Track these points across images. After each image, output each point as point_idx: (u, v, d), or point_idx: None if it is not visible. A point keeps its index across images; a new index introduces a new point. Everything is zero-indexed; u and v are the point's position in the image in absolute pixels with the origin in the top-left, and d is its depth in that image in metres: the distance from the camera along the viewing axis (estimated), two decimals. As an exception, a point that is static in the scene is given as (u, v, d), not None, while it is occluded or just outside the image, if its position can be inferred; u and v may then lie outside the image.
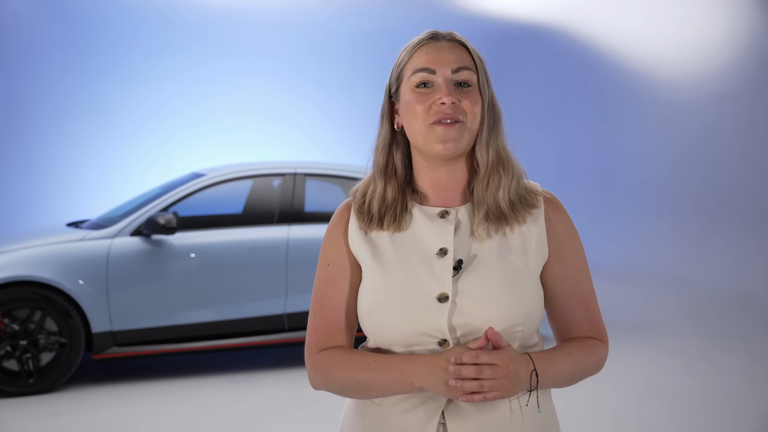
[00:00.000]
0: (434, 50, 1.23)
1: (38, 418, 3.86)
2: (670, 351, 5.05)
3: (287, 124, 10.13)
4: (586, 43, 9.95)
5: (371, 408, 1.25)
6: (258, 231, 4.71)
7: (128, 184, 8.72)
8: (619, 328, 5.72)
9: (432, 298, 1.19)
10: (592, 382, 4.35)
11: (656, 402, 4.02)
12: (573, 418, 3.80)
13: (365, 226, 1.27)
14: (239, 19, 10.08)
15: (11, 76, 9.54)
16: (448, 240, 1.22)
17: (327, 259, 1.29)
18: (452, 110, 1.20)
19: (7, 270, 4.21)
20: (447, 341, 1.18)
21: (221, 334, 4.55)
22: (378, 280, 1.23)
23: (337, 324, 1.27)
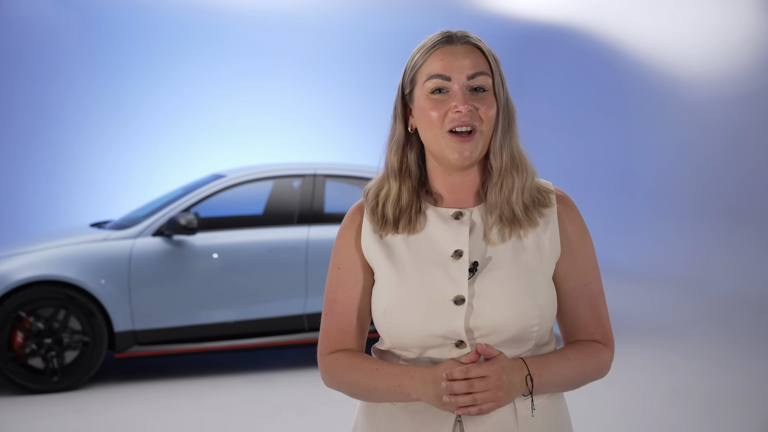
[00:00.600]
0: (449, 55, 1.21)
1: (62, 415, 3.92)
2: (691, 354, 5.00)
3: (308, 125, 10.17)
4: (607, 44, 9.89)
5: (386, 407, 1.25)
6: (278, 232, 4.75)
7: (150, 185, 8.82)
8: (639, 331, 5.69)
9: (448, 300, 1.19)
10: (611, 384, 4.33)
11: (676, 405, 3.99)
12: (592, 419, 3.79)
13: (379, 229, 1.26)
14: (260, 21, 10.15)
15: (34, 78, 9.69)
16: (463, 242, 1.22)
17: (338, 263, 1.29)
18: (468, 117, 1.19)
19: (32, 269, 4.28)
20: (464, 343, 1.19)
21: (241, 334, 4.58)
22: (393, 282, 1.22)
23: (348, 327, 1.28)
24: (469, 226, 1.23)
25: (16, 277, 4.23)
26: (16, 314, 4.22)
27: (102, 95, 9.93)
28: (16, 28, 9.52)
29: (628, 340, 5.41)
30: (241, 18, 10.08)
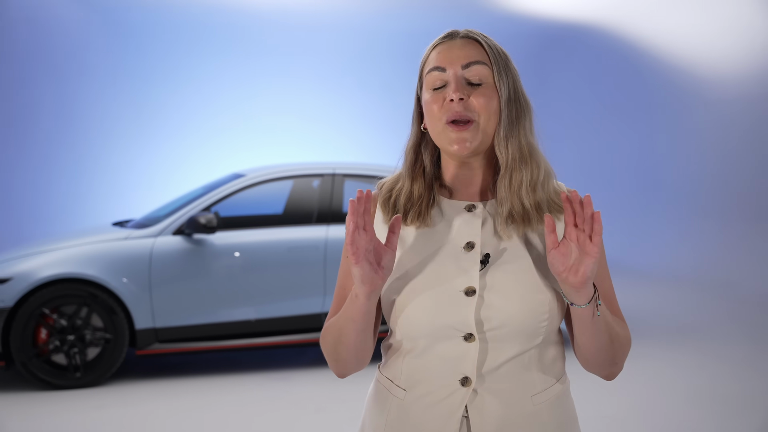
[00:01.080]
0: (446, 48, 1.24)
1: (84, 410, 3.99)
2: (714, 355, 4.95)
3: (328, 124, 10.21)
4: (630, 42, 9.80)
5: (394, 402, 1.26)
6: (297, 231, 4.77)
7: (172, 185, 8.90)
8: (661, 332, 5.63)
9: (459, 291, 1.19)
10: (632, 383, 4.29)
11: (698, 407, 3.95)
12: (612, 419, 3.77)
13: (389, 219, 1.27)
14: (280, 22, 10.20)
15: (59, 79, 9.84)
16: (475, 234, 1.22)
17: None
18: (462, 108, 1.19)
19: (55, 267, 4.35)
20: (473, 335, 1.19)
21: (260, 333, 4.62)
22: (404, 272, 1.23)
23: None
24: (482, 219, 1.24)
25: (40, 274, 4.30)
26: (40, 311, 4.29)
27: (125, 96, 10.05)
28: (42, 30, 9.67)
29: (650, 340, 5.36)
30: (262, 19, 10.14)
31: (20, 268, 4.34)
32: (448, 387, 1.21)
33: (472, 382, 1.20)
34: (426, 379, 1.22)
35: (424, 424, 1.22)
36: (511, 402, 1.21)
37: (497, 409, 1.20)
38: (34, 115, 9.72)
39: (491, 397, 1.20)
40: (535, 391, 1.23)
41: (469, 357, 1.20)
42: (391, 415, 1.26)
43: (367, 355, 1.29)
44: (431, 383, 1.22)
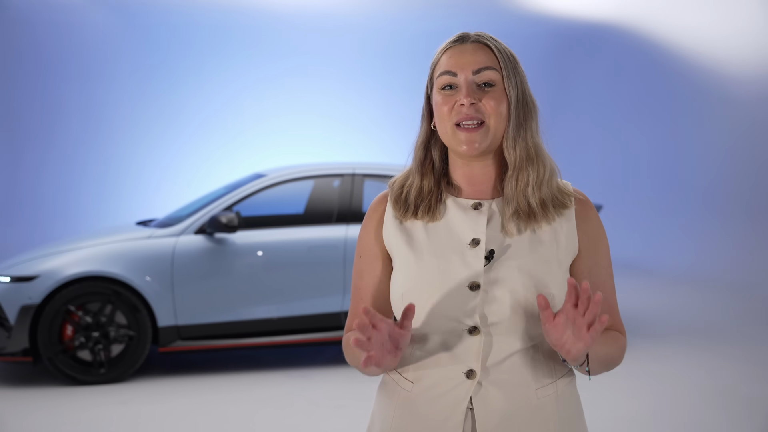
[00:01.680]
0: (458, 53, 1.28)
1: (108, 405, 4.07)
2: (735, 357, 4.91)
3: (350, 125, 10.26)
4: (653, 41, 9.72)
5: (402, 394, 1.30)
6: (317, 230, 4.82)
7: (194, 185, 9.01)
8: (682, 333, 5.60)
9: (464, 286, 1.23)
10: (651, 384, 4.28)
11: (716, 408, 3.93)
12: (630, 420, 3.77)
13: (401, 215, 1.32)
14: (303, 24, 10.27)
15: (86, 82, 10.00)
16: (480, 231, 1.26)
17: (360, 251, 1.36)
18: (473, 111, 1.24)
19: (81, 265, 4.44)
20: (477, 328, 1.22)
21: (280, 331, 4.67)
22: (412, 267, 1.27)
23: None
24: (487, 217, 1.28)
25: (66, 272, 4.40)
26: (66, 308, 4.38)
27: (148, 98, 10.19)
28: (69, 34, 9.84)
29: (670, 341, 5.34)
30: (283, 21, 10.21)
31: (47, 266, 4.44)
32: (453, 379, 1.24)
33: (477, 374, 1.23)
34: (432, 371, 1.25)
35: (430, 415, 1.25)
36: (515, 395, 1.23)
37: (501, 402, 1.23)
38: (61, 117, 9.90)
39: (496, 390, 1.23)
40: (540, 385, 1.26)
41: (473, 350, 1.23)
42: (399, 407, 1.29)
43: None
44: (437, 375, 1.25)
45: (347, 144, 10.03)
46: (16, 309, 4.32)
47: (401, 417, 1.29)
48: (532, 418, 1.24)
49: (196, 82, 10.21)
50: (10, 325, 4.32)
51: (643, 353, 5.03)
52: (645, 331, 5.67)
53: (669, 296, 7.07)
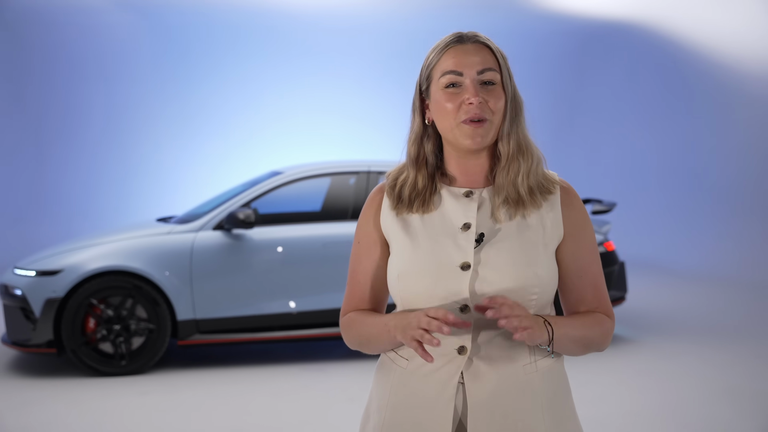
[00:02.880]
0: (461, 53, 1.34)
1: (128, 395, 4.19)
2: (748, 354, 4.91)
3: (366, 123, 10.33)
4: (671, 39, 9.68)
5: (397, 372, 1.38)
6: (332, 227, 4.90)
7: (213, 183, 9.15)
8: (698, 330, 5.60)
9: (456, 266, 1.32)
10: (663, 381, 4.31)
11: (727, 404, 3.95)
12: (640, 415, 3.80)
13: (396, 208, 1.40)
14: (321, 24, 10.36)
15: (109, 82, 10.18)
16: (471, 216, 1.35)
17: (358, 238, 1.45)
18: (480, 109, 1.32)
19: (103, 260, 4.57)
20: (468, 308, 1.30)
21: (296, 325, 4.76)
22: (407, 251, 1.36)
23: (363, 294, 1.44)
24: (478, 203, 1.36)
25: (89, 267, 4.53)
26: (89, 301, 4.51)
27: (169, 98, 10.34)
28: (92, 36, 10.03)
29: (681, 339, 5.35)
30: (301, 21, 10.31)
31: (70, 260, 4.58)
32: (446, 355, 1.32)
33: (468, 350, 1.31)
34: (426, 348, 1.32)
35: (423, 390, 1.33)
36: (503, 370, 1.31)
37: (491, 377, 1.31)
38: (84, 117, 10.09)
39: (485, 366, 1.31)
40: (527, 361, 1.33)
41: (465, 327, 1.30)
42: (394, 384, 1.38)
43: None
44: (431, 352, 1.32)
45: (363, 142, 10.11)
46: (41, 302, 4.46)
47: (397, 393, 1.37)
48: (520, 393, 1.32)
49: (215, 82, 10.35)
50: (35, 318, 4.46)
51: (653, 351, 5.05)
52: (656, 329, 5.69)
53: (684, 295, 7.06)
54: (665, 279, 7.89)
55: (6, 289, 4.63)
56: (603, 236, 5.29)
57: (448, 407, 1.31)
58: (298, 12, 10.17)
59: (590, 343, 1.36)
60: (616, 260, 5.30)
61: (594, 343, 1.37)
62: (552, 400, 1.35)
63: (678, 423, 3.72)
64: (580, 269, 1.38)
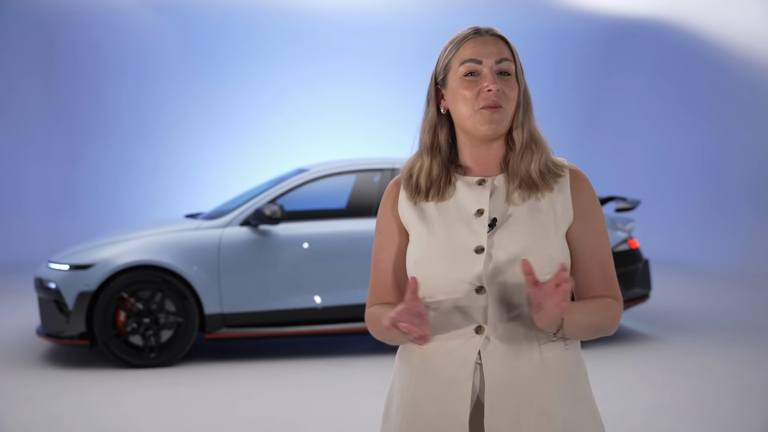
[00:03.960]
0: (480, 44, 1.41)
1: (157, 387, 4.29)
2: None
3: (391, 122, 10.38)
4: (698, 37, 9.58)
5: (418, 353, 1.44)
6: (357, 223, 4.96)
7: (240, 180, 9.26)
8: (727, 329, 5.56)
9: (470, 250, 1.37)
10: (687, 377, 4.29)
11: (751, 402, 3.93)
12: (663, 409, 3.81)
13: (413, 197, 1.46)
14: (346, 25, 10.42)
15: (137, 81, 10.35)
16: (484, 202, 1.41)
17: (379, 228, 1.51)
18: (497, 97, 1.38)
19: (133, 255, 4.68)
20: (483, 288, 1.36)
21: (322, 320, 4.83)
22: (424, 237, 1.42)
23: (386, 283, 1.49)
24: (491, 190, 1.42)
25: (119, 261, 4.64)
26: (120, 295, 4.62)
27: (197, 97, 10.49)
28: (122, 37, 10.20)
29: (711, 337, 5.32)
30: (327, 22, 10.39)
31: (102, 255, 4.69)
32: (464, 336, 1.37)
33: (485, 330, 1.36)
34: (445, 329, 1.38)
35: (443, 369, 1.39)
36: (520, 350, 1.36)
37: (507, 356, 1.36)
38: (114, 116, 10.28)
39: (502, 345, 1.36)
40: (543, 341, 1.38)
41: (481, 307, 1.36)
42: (416, 365, 1.43)
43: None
44: (449, 333, 1.38)
45: (387, 140, 10.15)
46: (74, 295, 4.58)
47: (418, 374, 1.43)
48: (536, 372, 1.36)
49: (242, 82, 10.48)
50: (68, 311, 4.59)
51: (678, 348, 5.04)
52: (681, 327, 5.66)
53: (710, 294, 7.01)
54: (691, 277, 7.83)
55: (41, 282, 4.76)
56: (627, 234, 5.28)
57: (466, 386, 1.36)
58: (323, 12, 10.25)
59: (599, 328, 1.40)
60: (640, 258, 5.29)
61: (602, 328, 1.40)
62: (568, 381, 1.39)
63: (700, 419, 3.72)
64: (587, 250, 1.42)
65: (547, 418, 1.36)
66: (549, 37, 10.51)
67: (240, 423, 3.72)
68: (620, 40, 10.61)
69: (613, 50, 10.72)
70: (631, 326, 5.67)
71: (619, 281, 5.03)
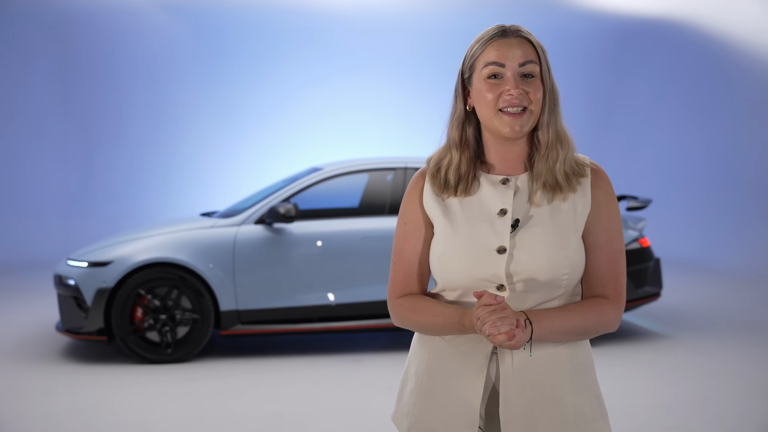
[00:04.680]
0: (504, 46, 1.42)
1: (174, 381, 4.37)
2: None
3: (403, 121, 10.44)
4: (711, 37, 9.56)
5: (435, 340, 1.49)
6: (370, 221, 5.02)
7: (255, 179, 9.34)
8: (739, 328, 5.57)
9: (492, 250, 1.42)
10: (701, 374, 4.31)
11: (757, 399, 3.96)
12: (672, 406, 3.84)
13: (440, 192, 1.49)
14: (358, 25, 10.48)
15: (152, 82, 10.46)
16: (507, 202, 1.44)
17: (404, 219, 1.54)
18: (518, 100, 1.40)
19: (150, 252, 4.76)
20: (504, 287, 1.41)
21: (335, 317, 4.89)
22: (448, 234, 1.46)
23: (411, 273, 1.53)
24: (514, 190, 1.46)
25: (137, 258, 4.72)
26: (137, 292, 4.71)
27: (211, 97, 10.58)
28: (136, 38, 10.31)
29: (722, 336, 5.33)
30: (339, 22, 10.45)
31: (120, 252, 4.78)
32: None
33: None
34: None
35: (458, 359, 1.45)
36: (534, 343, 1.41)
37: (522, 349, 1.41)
38: (129, 116, 10.40)
39: None
40: None
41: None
42: (432, 351, 1.50)
43: None
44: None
45: (400, 139, 10.21)
46: (92, 292, 4.67)
47: (434, 360, 1.49)
48: (549, 364, 1.42)
49: (255, 82, 10.56)
50: (87, 307, 4.68)
51: (688, 347, 5.06)
52: (693, 326, 5.68)
53: (722, 293, 7.01)
54: (702, 276, 7.83)
55: (60, 279, 4.86)
56: (638, 232, 5.31)
57: (480, 375, 1.42)
58: (335, 13, 10.32)
59: (585, 330, 1.43)
60: (651, 256, 5.32)
61: (590, 330, 1.43)
62: (577, 372, 1.45)
63: (708, 416, 3.75)
64: (596, 245, 1.45)
65: (559, 407, 1.42)
66: (561, 36, 10.52)
67: (254, 416, 3.80)
68: (632, 40, 10.60)
69: (624, 50, 10.71)
70: (642, 324, 5.70)
71: (630, 280, 5.06)
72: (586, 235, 1.45)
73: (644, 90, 10.65)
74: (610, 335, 5.34)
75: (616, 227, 1.46)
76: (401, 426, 1.55)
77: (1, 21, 9.59)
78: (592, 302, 1.45)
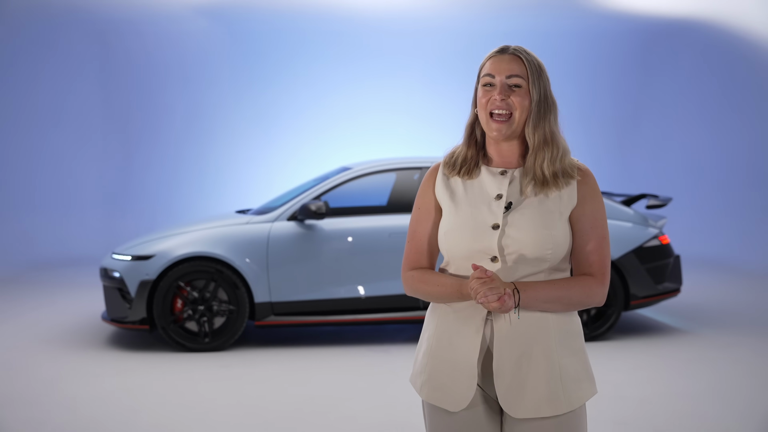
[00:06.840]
0: (498, 61, 1.74)
1: (211, 368, 4.64)
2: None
3: (432, 122, 10.61)
4: (738, 37, 9.59)
5: (443, 308, 1.77)
6: (397, 218, 5.23)
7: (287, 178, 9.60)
8: (756, 324, 5.66)
9: (488, 227, 1.69)
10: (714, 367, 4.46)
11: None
12: (684, 395, 3.98)
13: (449, 172, 1.79)
14: (389, 28, 10.67)
15: (188, 85, 10.79)
16: (503, 188, 1.73)
17: (418, 204, 1.84)
18: (504, 105, 1.70)
19: (189, 247, 5.04)
20: (497, 257, 1.68)
21: (364, 309, 5.11)
22: (453, 214, 1.74)
23: (422, 250, 1.82)
24: (510, 180, 1.74)
25: (177, 252, 5.01)
26: (177, 284, 4.99)
27: (245, 99, 10.87)
28: (173, 42, 10.65)
29: (740, 332, 5.43)
30: (371, 26, 10.65)
31: (161, 246, 5.07)
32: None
33: None
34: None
35: (459, 323, 1.72)
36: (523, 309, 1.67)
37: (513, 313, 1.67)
38: (166, 118, 10.75)
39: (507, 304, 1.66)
40: None
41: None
42: (440, 318, 1.78)
43: None
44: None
45: (427, 140, 10.37)
46: (136, 284, 4.97)
47: (443, 323, 1.76)
48: (537, 326, 1.68)
49: (287, 84, 10.83)
50: (131, 298, 4.97)
51: (705, 341, 5.18)
52: (711, 321, 5.77)
53: (742, 291, 7.08)
54: (725, 275, 7.90)
55: (106, 272, 5.16)
56: (658, 230, 5.45)
57: (477, 335, 1.69)
58: (365, 16, 10.53)
59: (569, 300, 1.68)
60: (671, 253, 5.45)
61: (575, 300, 1.69)
62: (565, 337, 1.70)
63: (720, 403, 3.88)
64: (582, 230, 1.71)
65: (546, 364, 1.67)
66: (587, 38, 10.62)
67: (286, 399, 4.04)
68: (658, 41, 10.66)
69: (651, 50, 10.77)
70: (661, 319, 5.83)
71: (650, 276, 5.22)
72: (574, 223, 1.72)
73: (670, 90, 10.70)
74: (629, 329, 5.48)
75: (600, 216, 1.72)
76: (416, 384, 1.81)
77: (50, 31, 10.00)
78: (578, 278, 1.71)
